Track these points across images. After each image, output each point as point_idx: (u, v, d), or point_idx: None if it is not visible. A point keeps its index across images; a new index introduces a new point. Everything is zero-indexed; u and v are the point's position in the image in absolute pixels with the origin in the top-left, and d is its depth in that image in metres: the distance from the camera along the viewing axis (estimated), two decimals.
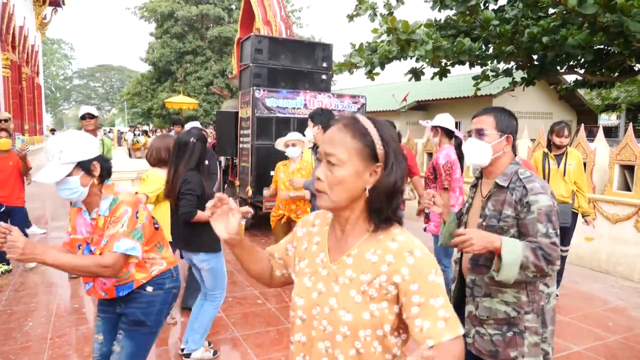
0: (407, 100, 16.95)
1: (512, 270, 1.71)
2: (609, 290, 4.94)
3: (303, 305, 1.20)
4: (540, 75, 7.97)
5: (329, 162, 1.11)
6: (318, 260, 1.22)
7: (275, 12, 8.57)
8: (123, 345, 2.05)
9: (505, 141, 1.92)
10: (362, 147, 1.10)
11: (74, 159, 1.86)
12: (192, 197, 2.89)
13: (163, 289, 2.14)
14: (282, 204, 4.31)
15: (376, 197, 1.12)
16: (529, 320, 1.83)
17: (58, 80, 56.98)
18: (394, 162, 1.12)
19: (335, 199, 1.11)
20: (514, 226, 1.82)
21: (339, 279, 1.15)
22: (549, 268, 1.72)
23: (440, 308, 1.06)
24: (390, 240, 1.13)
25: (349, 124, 1.13)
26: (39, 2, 16.95)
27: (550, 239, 1.74)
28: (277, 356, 3.29)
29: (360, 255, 1.14)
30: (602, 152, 5.90)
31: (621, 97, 19.41)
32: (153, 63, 27.63)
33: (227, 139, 7.16)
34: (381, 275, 1.10)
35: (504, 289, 1.85)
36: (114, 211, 1.93)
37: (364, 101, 6.95)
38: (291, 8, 28.51)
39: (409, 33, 7.40)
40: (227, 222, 1.21)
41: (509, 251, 1.71)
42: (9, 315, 3.85)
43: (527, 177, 1.84)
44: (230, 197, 1.24)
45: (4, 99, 11.70)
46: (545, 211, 1.76)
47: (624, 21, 5.65)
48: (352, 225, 1.17)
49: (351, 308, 1.10)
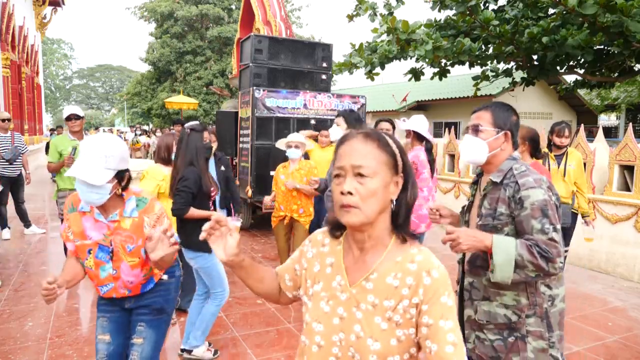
0: (407, 100, 16.96)
1: (506, 270, 1.63)
2: (609, 290, 4.94)
3: (322, 332, 1.15)
4: (540, 75, 7.98)
5: (359, 174, 1.07)
6: (335, 284, 1.17)
7: (275, 12, 8.57)
8: (146, 336, 2.07)
9: (503, 137, 1.83)
10: (388, 158, 1.10)
11: (117, 167, 1.87)
12: (186, 195, 2.90)
13: (175, 276, 2.23)
14: (282, 205, 4.30)
15: (402, 210, 1.11)
16: (531, 324, 1.75)
17: (58, 80, 56.94)
18: (411, 175, 1.13)
19: (368, 213, 1.08)
20: (508, 224, 1.74)
21: (361, 305, 1.12)
22: (549, 266, 1.61)
23: (449, 332, 1.04)
24: (410, 262, 1.11)
25: (372, 135, 1.11)
26: (39, 2, 16.95)
27: (546, 235, 1.64)
28: (277, 356, 3.28)
29: (380, 279, 1.11)
30: (602, 152, 5.91)
31: (621, 98, 19.42)
32: (153, 63, 27.60)
33: (227, 139, 7.16)
34: (404, 300, 1.08)
35: (503, 292, 1.77)
36: (147, 210, 1.98)
37: (363, 101, 6.95)
38: (291, 7, 28.49)
39: (409, 33, 7.41)
40: (226, 244, 1.19)
41: (500, 250, 1.63)
42: (8, 315, 3.85)
43: (520, 172, 1.76)
44: (228, 217, 1.23)
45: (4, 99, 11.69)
46: (539, 206, 1.66)
47: (624, 21, 5.66)
48: (373, 242, 1.14)
49: (379, 336, 1.08)
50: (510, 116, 1.86)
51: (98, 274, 2.00)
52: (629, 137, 5.45)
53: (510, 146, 1.85)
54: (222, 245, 1.19)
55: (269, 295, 1.34)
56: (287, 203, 4.26)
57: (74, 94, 59.45)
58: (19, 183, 6.51)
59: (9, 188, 6.35)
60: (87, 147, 1.84)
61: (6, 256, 5.55)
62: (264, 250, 6.09)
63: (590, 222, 4.47)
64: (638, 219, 5.17)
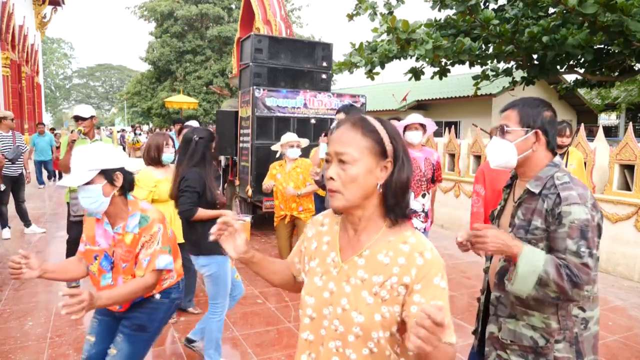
0: (407, 100, 16.95)
1: (526, 284, 1.50)
2: (609, 290, 4.94)
3: (313, 304, 1.20)
4: (540, 74, 7.97)
5: (341, 160, 1.12)
6: (329, 260, 1.22)
7: (275, 12, 8.57)
8: (120, 348, 2.05)
9: (534, 137, 1.65)
10: (372, 144, 1.12)
11: (97, 166, 1.88)
12: (191, 194, 2.73)
13: (169, 298, 2.18)
14: (282, 204, 4.31)
15: (390, 194, 1.14)
16: (560, 351, 1.58)
17: (58, 79, 56.90)
18: (404, 158, 1.15)
19: (349, 197, 1.13)
20: (543, 240, 1.57)
21: (351, 279, 1.16)
22: (573, 292, 1.47)
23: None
24: (402, 242, 1.15)
25: (357, 122, 1.15)
26: (39, 1, 16.93)
27: (581, 259, 1.48)
28: (277, 355, 3.28)
29: (372, 256, 1.15)
30: (602, 151, 5.90)
31: (621, 97, 19.41)
32: (153, 62, 27.59)
33: (227, 139, 7.16)
34: (392, 277, 1.12)
35: (532, 312, 1.61)
36: (146, 229, 1.97)
37: (364, 100, 6.95)
38: (291, 7, 28.47)
39: (409, 32, 7.40)
40: (235, 242, 1.27)
41: (528, 262, 1.49)
42: (8, 315, 3.85)
43: (563, 184, 1.57)
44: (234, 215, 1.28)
45: (4, 98, 11.69)
46: (579, 225, 1.49)
47: (624, 21, 5.65)
48: (365, 224, 1.18)
49: (363, 309, 1.12)
50: (541, 112, 1.66)
51: (99, 281, 2.04)
52: (629, 137, 5.44)
53: (544, 147, 1.67)
54: (232, 245, 1.27)
55: (285, 284, 1.41)
56: (285, 202, 4.28)
57: (74, 93, 59.43)
58: (19, 182, 6.54)
59: (10, 187, 6.38)
60: (72, 159, 1.90)
61: (6, 255, 5.54)
62: (264, 250, 6.09)
63: None
64: (638, 218, 5.17)
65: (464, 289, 4.77)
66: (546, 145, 1.67)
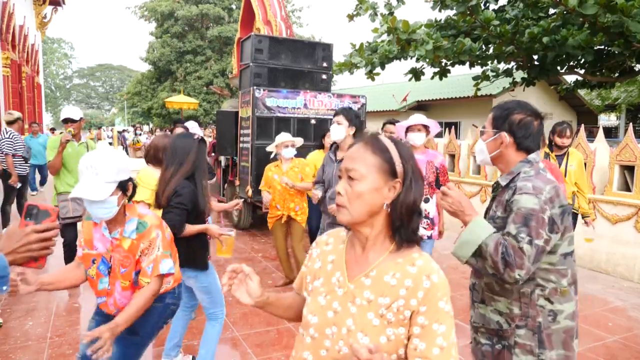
0: (407, 100, 16.95)
1: (466, 250, 1.62)
2: (609, 290, 4.94)
3: (316, 324, 1.18)
4: (541, 75, 7.98)
5: (350, 177, 1.14)
6: (334, 280, 1.20)
7: (276, 12, 8.57)
8: (112, 350, 2.05)
9: (500, 139, 1.76)
10: (382, 163, 1.13)
11: (117, 178, 1.86)
12: (181, 212, 2.56)
13: (162, 302, 2.16)
14: (279, 204, 4.32)
15: (397, 214, 1.14)
16: (520, 336, 1.67)
17: (58, 79, 56.93)
18: (412, 180, 1.15)
19: (354, 213, 1.13)
20: (503, 228, 1.66)
21: (356, 300, 1.14)
22: (505, 271, 1.54)
23: (440, 336, 1.08)
24: (410, 264, 1.14)
25: (370, 141, 1.16)
26: (39, 1, 16.93)
27: (518, 243, 1.54)
28: (277, 356, 3.28)
29: (379, 277, 1.14)
30: (602, 152, 5.90)
31: (621, 98, 19.41)
32: (153, 62, 27.62)
33: (227, 139, 7.16)
34: (399, 300, 1.11)
35: (497, 297, 1.73)
36: (144, 236, 1.96)
37: (364, 101, 6.95)
38: (291, 8, 28.49)
39: (410, 33, 7.40)
40: (248, 287, 1.20)
41: (473, 230, 1.62)
42: (8, 315, 3.85)
43: (526, 177, 1.67)
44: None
45: (4, 98, 11.69)
46: (524, 213, 1.57)
47: (625, 21, 5.66)
48: (373, 242, 1.17)
49: (369, 331, 1.10)
50: (509, 115, 1.75)
51: (97, 285, 2.04)
52: (629, 137, 5.45)
53: (514, 147, 1.75)
54: (245, 290, 1.21)
55: (299, 315, 1.34)
56: (283, 202, 4.29)
57: (74, 93, 59.48)
58: (26, 180, 6.81)
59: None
60: (84, 165, 1.85)
61: None
62: (264, 250, 6.09)
63: (590, 222, 4.46)
64: (638, 219, 5.17)
65: (464, 289, 4.77)
66: (516, 146, 1.76)
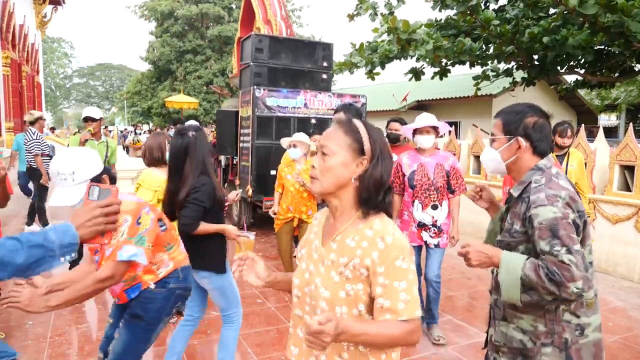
0: (407, 100, 16.95)
1: (512, 291, 1.54)
2: (609, 290, 4.94)
3: (298, 285, 1.38)
4: (541, 75, 7.98)
5: (323, 152, 1.29)
6: (313, 246, 1.39)
7: (276, 11, 8.57)
8: (121, 333, 2.15)
9: (516, 144, 1.69)
10: (351, 142, 1.28)
11: (86, 177, 1.87)
12: (197, 208, 2.48)
13: (166, 288, 2.18)
14: (292, 207, 4.25)
15: (364, 188, 1.27)
16: (547, 354, 1.59)
17: (58, 78, 56.86)
18: (380, 157, 1.29)
19: (325, 184, 1.29)
20: (522, 243, 1.62)
21: (325, 261, 1.31)
22: (561, 291, 1.45)
23: (402, 291, 1.20)
24: (368, 228, 1.27)
25: (343, 123, 1.33)
26: (39, 1, 16.91)
27: (556, 257, 1.47)
28: (277, 355, 3.28)
29: (342, 240, 1.30)
30: (602, 152, 5.91)
31: (621, 98, 19.42)
32: (153, 62, 27.59)
33: (227, 138, 7.16)
34: (355, 259, 1.25)
35: (520, 315, 1.64)
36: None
37: (364, 101, 6.95)
38: (291, 7, 28.47)
39: (410, 33, 7.40)
40: (256, 271, 1.42)
41: (506, 270, 1.55)
42: (9, 315, 3.85)
43: (536, 187, 1.61)
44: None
45: (4, 98, 11.68)
46: (547, 225, 1.51)
47: (625, 21, 5.65)
48: (341, 213, 1.33)
49: (330, 286, 1.27)
50: (522, 119, 1.69)
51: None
52: (629, 137, 5.45)
53: (530, 152, 1.69)
54: (254, 274, 1.42)
55: None
56: (296, 205, 4.22)
57: (74, 92, 59.41)
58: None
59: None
60: (52, 173, 1.86)
61: None
62: (264, 250, 6.09)
63: (591, 222, 4.46)
64: (638, 219, 5.17)
65: (464, 289, 4.77)
66: (532, 150, 1.70)
